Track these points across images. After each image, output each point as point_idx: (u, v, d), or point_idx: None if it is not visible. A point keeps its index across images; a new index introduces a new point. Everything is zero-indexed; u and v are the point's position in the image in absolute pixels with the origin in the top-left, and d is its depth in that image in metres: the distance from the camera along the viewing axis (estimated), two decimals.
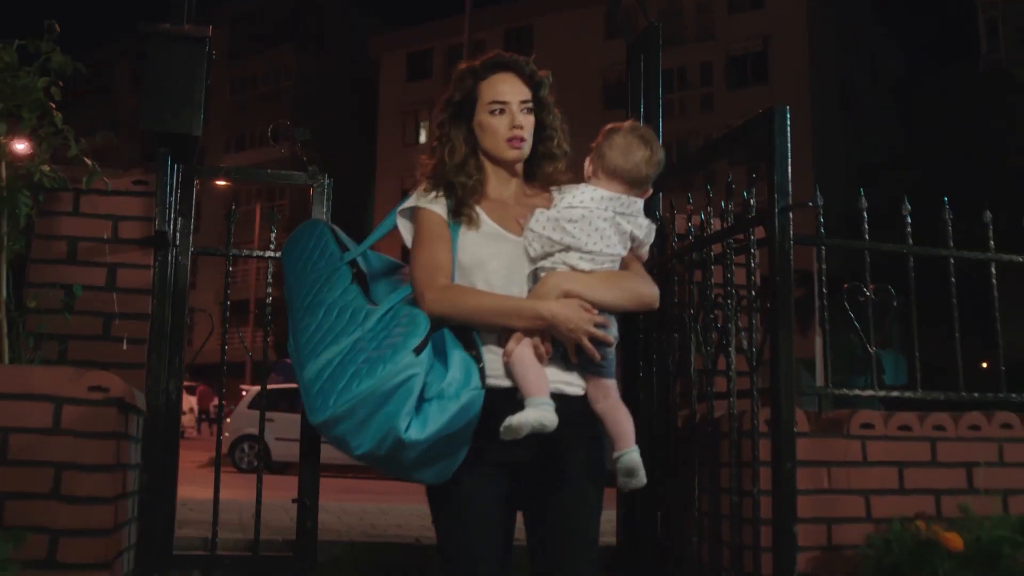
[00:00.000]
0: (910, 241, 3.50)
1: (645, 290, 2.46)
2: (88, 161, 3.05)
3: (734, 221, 3.33)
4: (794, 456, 2.87)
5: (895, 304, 3.50)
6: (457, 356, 2.26)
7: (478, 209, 2.47)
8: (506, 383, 2.32)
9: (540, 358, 2.31)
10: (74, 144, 2.97)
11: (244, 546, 3.74)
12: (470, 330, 2.34)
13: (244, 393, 20.55)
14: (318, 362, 2.26)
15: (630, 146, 2.42)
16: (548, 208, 2.43)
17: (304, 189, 3.65)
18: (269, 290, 3.56)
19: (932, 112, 26.71)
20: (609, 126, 2.49)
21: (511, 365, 2.30)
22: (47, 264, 3.20)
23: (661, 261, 3.67)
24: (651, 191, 2.50)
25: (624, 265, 2.45)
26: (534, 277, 2.38)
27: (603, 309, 2.35)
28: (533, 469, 2.35)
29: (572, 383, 2.38)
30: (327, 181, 3.64)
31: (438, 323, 2.29)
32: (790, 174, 2.95)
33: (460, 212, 2.45)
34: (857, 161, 29.71)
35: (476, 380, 2.23)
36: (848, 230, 3.64)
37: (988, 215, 3.62)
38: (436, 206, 2.46)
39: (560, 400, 2.29)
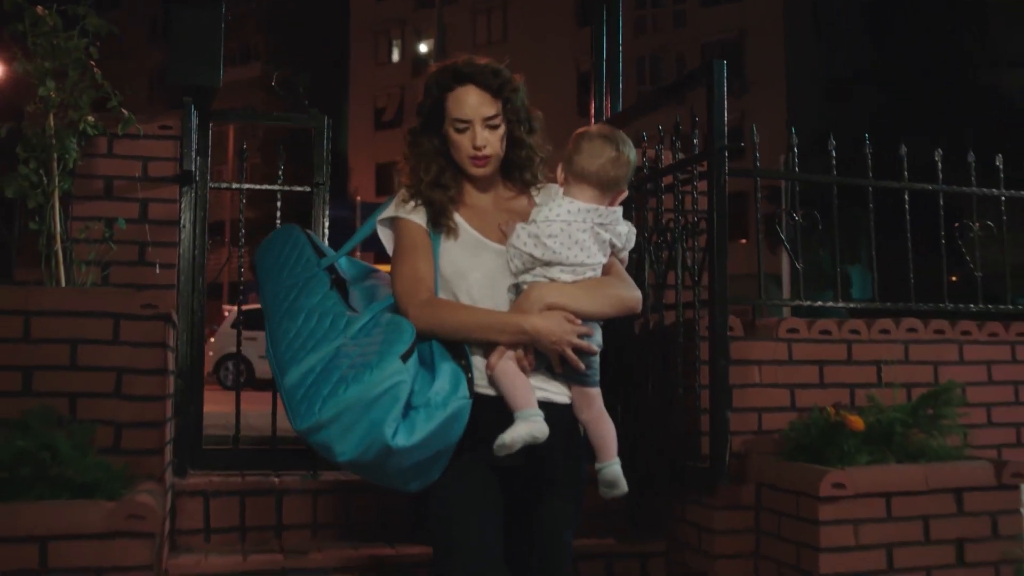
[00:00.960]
0: (834, 172, 4.06)
1: (628, 295, 2.46)
2: (124, 111, 3.54)
3: (683, 157, 3.86)
4: (727, 355, 3.46)
5: (819, 228, 4.05)
6: (445, 366, 2.28)
7: (457, 218, 2.48)
8: (489, 390, 2.36)
9: (524, 369, 2.34)
10: (114, 97, 3.46)
11: (263, 442, 4.30)
12: (460, 343, 2.35)
13: (226, 314, 21.07)
14: (300, 368, 2.27)
15: (596, 149, 2.41)
16: (529, 209, 2.47)
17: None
18: (242, 216, 4.09)
19: (904, 27, 27.10)
20: (578, 131, 2.49)
21: (496, 378, 2.33)
22: (88, 200, 3.69)
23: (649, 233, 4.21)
24: (626, 192, 2.49)
25: (606, 269, 2.47)
26: (516, 289, 2.41)
27: (586, 318, 2.37)
28: (521, 475, 2.38)
29: (559, 392, 2.42)
30: (327, 123, 4.15)
31: (424, 336, 2.32)
32: (726, 118, 3.48)
33: (439, 223, 2.45)
34: (830, 76, 30.14)
35: (464, 389, 2.25)
36: (821, 145, 4.21)
37: (939, 152, 4.17)
38: (416, 216, 2.46)
39: (548, 408, 2.33)
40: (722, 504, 3.54)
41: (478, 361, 2.35)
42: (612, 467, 2.41)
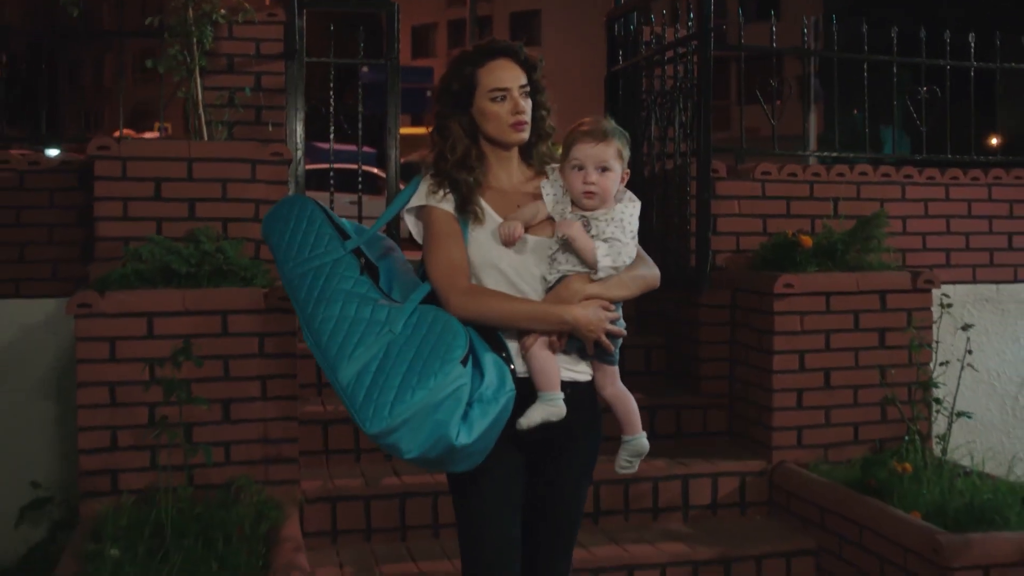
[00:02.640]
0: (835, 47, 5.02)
1: (651, 274, 2.63)
2: (246, 4, 4.57)
3: (681, 36, 4.85)
4: (710, 191, 4.53)
5: (823, 95, 5.06)
6: (490, 360, 2.40)
7: (483, 204, 2.58)
8: (526, 374, 2.52)
9: (553, 350, 2.51)
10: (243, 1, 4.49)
11: None
12: (495, 331, 2.50)
13: None
14: (353, 365, 2.35)
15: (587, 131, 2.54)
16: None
17: None
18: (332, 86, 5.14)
19: None
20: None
21: (528, 360, 2.50)
22: (217, 74, 4.75)
23: (635, 62, 5.22)
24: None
25: None
26: (543, 280, 2.55)
27: (618, 302, 2.55)
28: (542, 446, 2.59)
29: (582, 371, 2.59)
30: (396, 7, 5.16)
31: (465, 323, 2.45)
32: (713, 5, 4.46)
33: (466, 209, 2.55)
34: None
35: (510, 382, 2.40)
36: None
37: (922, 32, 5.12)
38: (445, 204, 2.56)
39: (570, 387, 2.53)
40: (706, 303, 4.67)
41: (513, 347, 2.51)
42: (641, 439, 2.63)
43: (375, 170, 13.48)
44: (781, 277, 4.27)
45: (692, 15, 4.72)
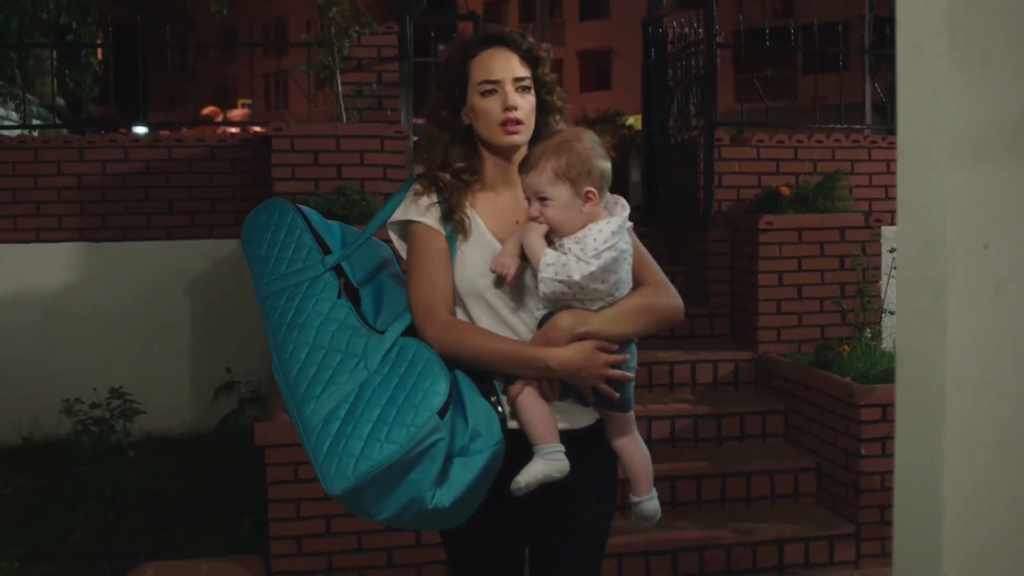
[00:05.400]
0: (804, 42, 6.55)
1: (667, 305, 2.31)
2: (372, 20, 6.25)
3: (698, 37, 6.42)
4: (713, 154, 6.12)
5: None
6: (476, 404, 2.12)
7: (475, 218, 2.29)
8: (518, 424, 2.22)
9: (547, 399, 2.19)
10: (369, 19, 6.16)
11: None
12: (486, 373, 2.20)
13: None
14: (320, 408, 2.08)
15: (592, 146, 2.24)
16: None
17: None
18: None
19: None
20: (556, 142, 2.24)
21: (516, 409, 2.19)
22: (349, 72, 6.44)
23: (662, 56, 6.81)
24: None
25: (638, 273, 2.29)
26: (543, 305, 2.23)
27: (623, 342, 2.22)
28: (543, 506, 2.29)
29: (583, 416, 2.29)
30: (481, 17, 6.80)
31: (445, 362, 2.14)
32: (715, 18, 6.03)
33: (452, 217, 2.25)
34: None
35: (498, 432, 2.11)
36: None
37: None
38: (429, 218, 2.26)
39: (569, 436, 2.23)
40: (712, 238, 6.26)
41: (504, 394, 2.22)
42: (649, 503, 2.33)
43: None
44: (764, 217, 5.84)
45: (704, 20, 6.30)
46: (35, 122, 7.82)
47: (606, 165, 2.23)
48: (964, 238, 2.08)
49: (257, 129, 7.17)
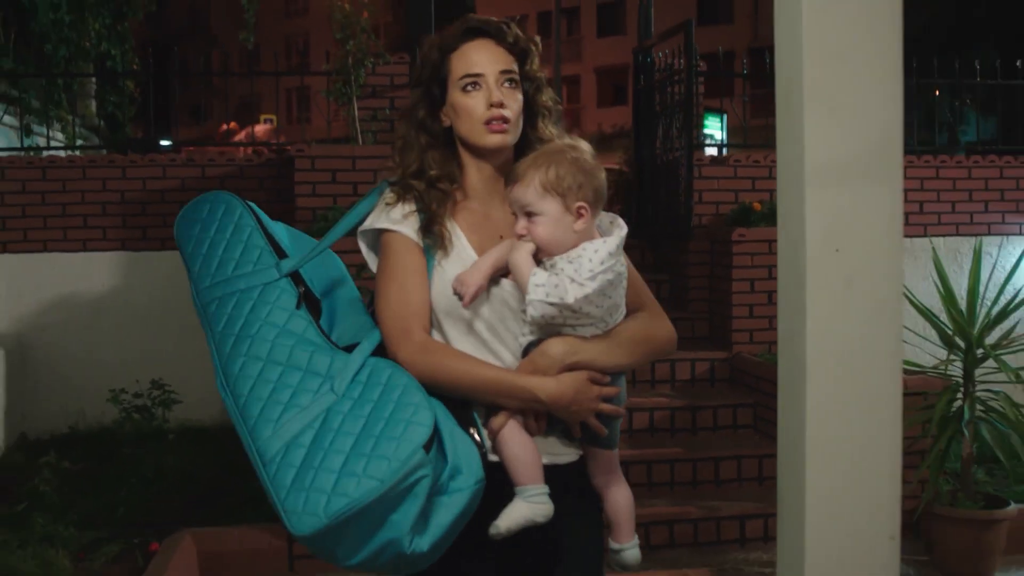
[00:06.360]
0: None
1: (661, 334, 2.18)
2: (386, 54, 6.92)
3: (676, 69, 7.06)
4: (693, 173, 6.75)
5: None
6: (456, 437, 1.90)
7: (456, 231, 2.08)
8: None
9: (531, 433, 2.02)
10: (383, 51, 6.83)
11: None
12: (464, 401, 1.99)
13: None
14: (279, 436, 1.83)
15: (587, 159, 2.06)
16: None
17: None
18: None
19: None
20: (546, 153, 2.06)
21: (499, 444, 2.00)
22: (367, 98, 7.10)
23: (648, 84, 7.44)
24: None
25: (632, 297, 2.15)
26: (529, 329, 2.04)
27: (616, 373, 2.06)
28: (527, 547, 2.07)
29: (567, 452, 2.12)
30: None
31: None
32: (695, 50, 6.66)
33: (431, 230, 2.04)
34: None
35: (480, 469, 1.90)
36: None
37: None
38: (406, 228, 2.05)
39: (552, 471, 2.04)
40: (693, 249, 6.88)
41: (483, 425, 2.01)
42: (631, 551, 2.17)
43: None
44: (736, 230, 6.46)
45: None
46: (79, 143, 8.53)
47: (601, 179, 2.05)
48: (820, 243, 2.74)
49: (281, 143, 7.83)
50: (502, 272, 2.06)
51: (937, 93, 7.97)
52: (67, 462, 5.68)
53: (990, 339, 5.03)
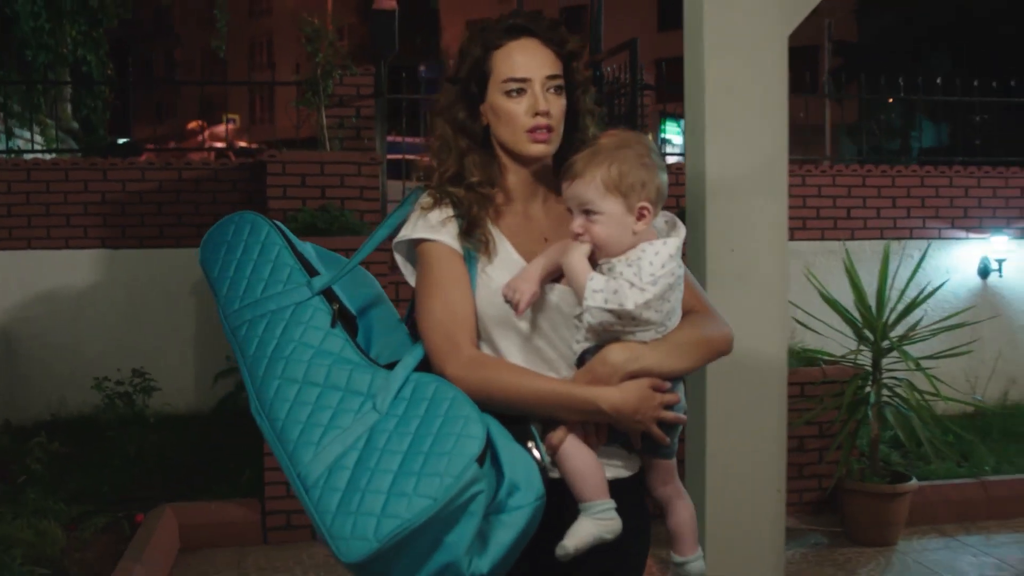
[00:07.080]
0: None
1: (718, 335, 2.02)
2: (352, 66, 7.40)
3: (622, 83, 7.60)
4: None
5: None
6: (512, 452, 1.80)
7: (499, 235, 1.98)
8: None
9: (592, 447, 1.93)
10: (350, 63, 7.31)
11: None
12: (519, 416, 1.87)
13: None
14: (322, 458, 1.74)
15: (644, 154, 1.93)
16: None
17: None
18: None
19: None
20: (608, 148, 1.92)
21: (560, 460, 1.90)
22: (333, 107, 7.56)
23: (600, 97, 8.01)
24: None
25: (686, 300, 1.99)
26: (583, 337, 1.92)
27: (677, 378, 1.95)
28: (587, 564, 1.95)
29: (627, 465, 2.03)
30: (444, 62, 7.96)
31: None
32: (639, 65, 7.21)
33: (472, 235, 1.94)
34: None
35: (540, 485, 1.80)
36: None
37: None
38: (445, 235, 1.94)
39: (616, 486, 1.95)
40: None
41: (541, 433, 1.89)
42: (696, 563, 2.05)
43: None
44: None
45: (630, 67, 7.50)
46: (58, 146, 8.94)
47: (663, 177, 1.95)
48: (717, 243, 3.28)
49: (243, 144, 8.27)
50: (554, 276, 1.96)
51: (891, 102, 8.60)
52: (55, 445, 6.09)
53: (897, 332, 5.60)
